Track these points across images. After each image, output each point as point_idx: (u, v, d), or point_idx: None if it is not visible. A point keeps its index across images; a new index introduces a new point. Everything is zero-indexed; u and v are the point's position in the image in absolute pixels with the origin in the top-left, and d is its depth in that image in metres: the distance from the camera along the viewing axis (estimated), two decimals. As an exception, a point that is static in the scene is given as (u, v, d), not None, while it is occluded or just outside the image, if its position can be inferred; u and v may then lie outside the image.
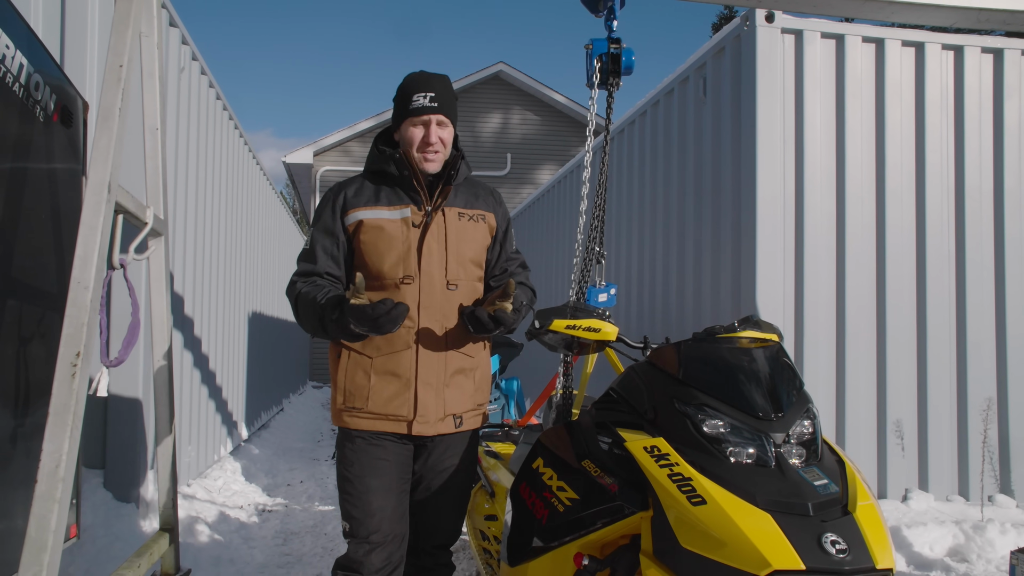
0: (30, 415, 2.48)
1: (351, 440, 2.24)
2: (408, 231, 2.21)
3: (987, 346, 4.67)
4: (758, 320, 2.14)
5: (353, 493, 2.20)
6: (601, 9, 2.79)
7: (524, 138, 16.38)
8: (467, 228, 2.29)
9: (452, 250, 2.24)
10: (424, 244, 2.21)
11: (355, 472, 2.20)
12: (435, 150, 2.24)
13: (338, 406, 2.25)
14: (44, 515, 1.89)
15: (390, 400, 2.19)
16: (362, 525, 2.17)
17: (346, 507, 2.22)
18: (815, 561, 1.52)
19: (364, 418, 2.20)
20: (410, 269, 2.19)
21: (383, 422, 2.20)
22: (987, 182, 4.75)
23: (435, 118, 2.24)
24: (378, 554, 2.17)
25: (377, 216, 2.22)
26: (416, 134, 2.23)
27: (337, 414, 2.27)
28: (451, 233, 2.25)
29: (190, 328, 5.10)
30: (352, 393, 2.21)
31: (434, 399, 2.21)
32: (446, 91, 2.28)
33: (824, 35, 4.60)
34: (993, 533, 3.83)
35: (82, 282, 2.04)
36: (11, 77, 2.25)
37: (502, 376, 5.92)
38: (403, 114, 2.26)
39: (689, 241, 5.24)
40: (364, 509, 2.17)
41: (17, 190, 2.35)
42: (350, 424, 2.22)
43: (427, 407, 2.20)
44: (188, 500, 4.55)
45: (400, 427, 2.20)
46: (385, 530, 2.18)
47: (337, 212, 2.26)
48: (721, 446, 1.76)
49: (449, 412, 2.25)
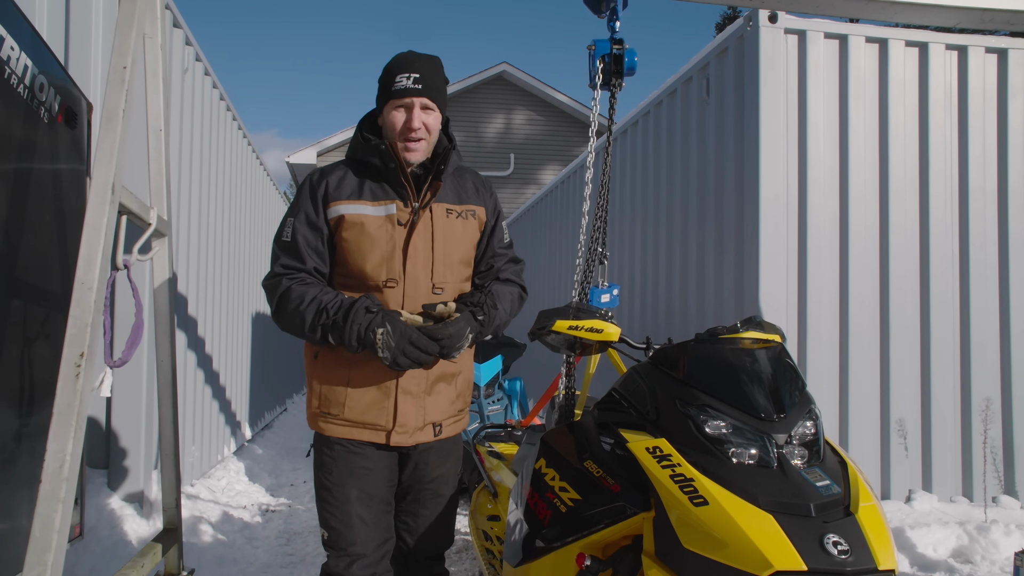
0: (34, 415, 2.49)
1: (329, 446, 2.11)
2: (393, 229, 2.04)
3: (991, 346, 4.65)
4: (761, 321, 2.14)
5: (332, 502, 2.09)
6: (604, 10, 2.79)
7: (527, 138, 16.38)
8: (455, 227, 2.12)
9: (439, 251, 2.08)
10: (410, 244, 2.04)
11: (334, 480, 2.09)
12: (418, 137, 2.05)
13: (313, 409, 2.13)
14: (48, 514, 1.90)
15: (368, 409, 2.06)
16: (341, 536, 2.07)
17: (324, 516, 2.10)
18: (817, 562, 1.52)
19: (340, 425, 2.08)
20: (394, 271, 2.04)
21: (360, 430, 2.08)
22: (991, 182, 4.74)
23: (419, 101, 2.04)
24: (359, 566, 2.07)
25: (360, 212, 2.04)
26: (398, 118, 2.05)
27: (312, 418, 2.14)
28: (439, 232, 2.09)
29: (194, 329, 5.12)
30: (328, 398, 2.08)
31: (414, 408, 2.08)
32: (433, 73, 2.08)
33: (827, 35, 4.59)
34: (997, 534, 3.82)
35: (86, 282, 2.05)
36: (16, 79, 2.26)
37: (505, 377, 5.93)
38: (385, 96, 2.07)
39: (692, 241, 5.24)
40: (343, 520, 2.07)
41: (22, 191, 2.36)
42: (325, 431, 2.10)
43: (407, 416, 2.07)
44: (192, 500, 4.56)
45: (378, 437, 2.07)
46: (366, 540, 2.08)
47: (319, 203, 2.07)
48: (723, 447, 1.76)
49: (429, 420, 2.12)
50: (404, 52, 2.12)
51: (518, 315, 2.36)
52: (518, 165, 16.18)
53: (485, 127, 16.09)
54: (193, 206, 4.97)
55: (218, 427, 5.83)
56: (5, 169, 2.24)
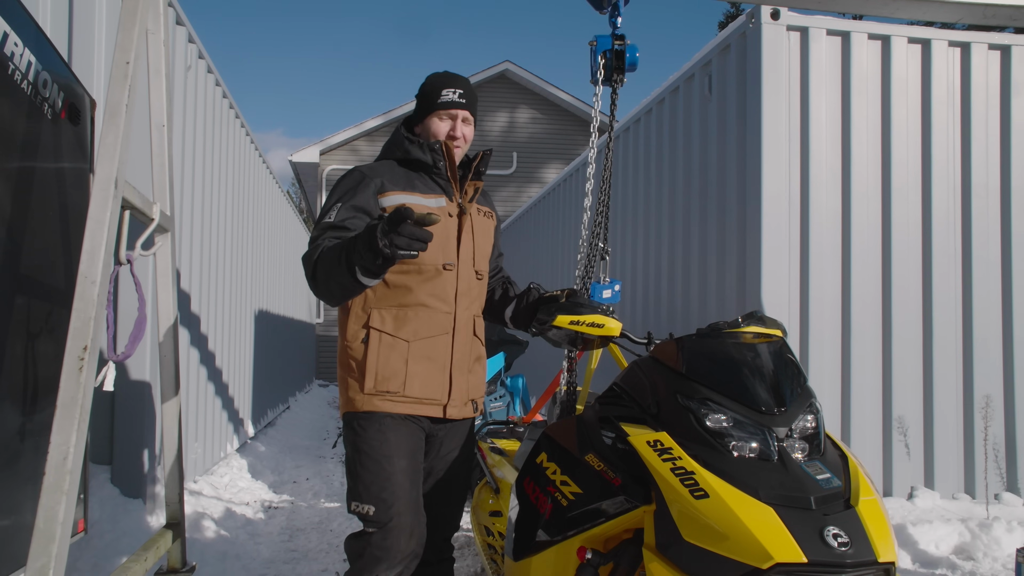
0: (38, 411, 2.50)
1: (377, 422, 2.14)
2: (446, 220, 2.24)
3: (993, 343, 4.65)
4: (762, 315, 2.14)
5: (380, 474, 2.09)
6: (605, 6, 2.79)
7: (530, 137, 16.38)
8: (485, 223, 2.40)
9: (478, 242, 2.33)
10: (463, 233, 2.27)
11: (384, 452, 2.11)
12: (459, 144, 2.30)
13: (366, 391, 2.14)
14: (52, 507, 1.91)
15: (426, 384, 2.18)
16: (391, 508, 2.06)
17: (372, 489, 2.08)
18: (817, 554, 1.53)
19: (400, 402, 2.15)
20: (450, 256, 2.23)
21: (419, 406, 2.18)
22: (994, 179, 4.74)
23: (462, 113, 2.29)
24: (407, 539, 2.07)
25: (421, 202, 2.20)
26: (443, 127, 2.28)
27: (365, 399, 2.15)
28: (476, 226, 2.34)
29: (197, 325, 5.13)
30: (387, 378, 2.14)
31: (462, 383, 2.26)
32: (471, 92, 2.35)
33: (830, 32, 4.59)
34: (999, 531, 3.82)
35: (89, 277, 2.06)
36: (20, 75, 2.27)
37: (507, 373, 5.93)
38: (430, 107, 2.29)
39: (694, 238, 5.24)
40: (393, 491, 2.08)
41: (26, 187, 2.37)
42: (382, 408, 2.14)
43: (459, 391, 2.24)
44: (195, 496, 4.58)
45: (436, 411, 2.21)
46: (413, 514, 2.11)
47: (371, 192, 2.19)
48: (724, 440, 1.77)
49: (471, 397, 2.31)
50: (444, 72, 2.35)
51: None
52: (521, 164, 16.18)
53: (488, 126, 16.08)
54: (196, 202, 4.99)
55: (221, 424, 5.85)
56: (9, 165, 2.25)
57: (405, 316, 2.17)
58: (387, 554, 2.05)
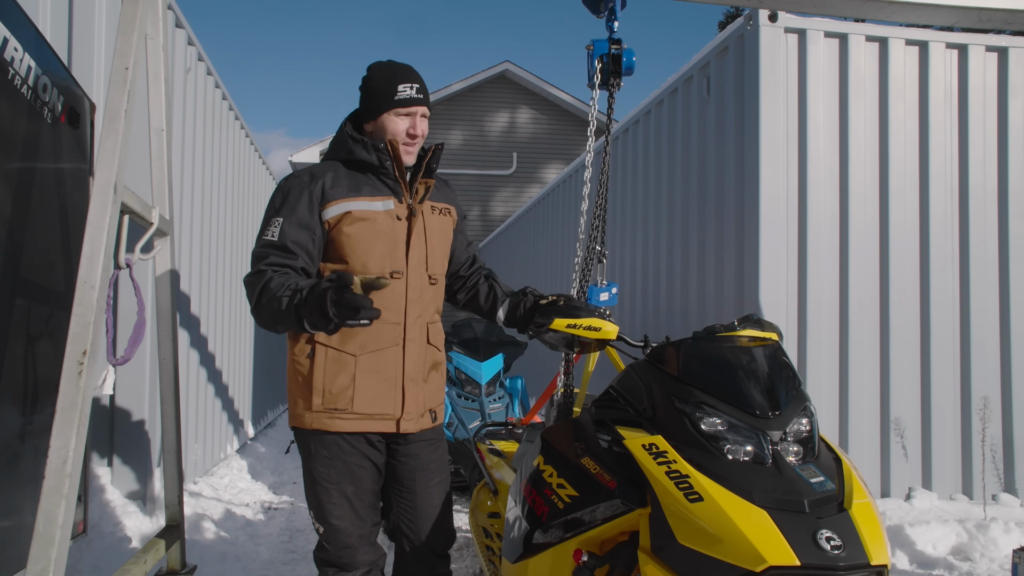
0: (38, 414, 2.51)
1: (326, 445, 2.13)
2: (394, 224, 2.14)
3: (991, 344, 4.66)
4: (759, 319, 2.16)
5: (328, 501, 2.14)
6: (602, 10, 2.81)
7: (530, 137, 16.40)
8: (440, 222, 2.27)
9: (431, 245, 2.21)
10: (411, 238, 2.16)
11: (330, 479, 2.13)
12: (417, 142, 2.20)
13: (314, 408, 2.10)
14: (52, 510, 1.92)
15: (376, 399, 2.10)
16: (340, 532, 2.14)
17: (321, 513, 2.15)
18: (810, 557, 1.54)
19: (348, 419, 2.10)
20: (398, 263, 2.13)
21: (370, 422, 2.11)
22: (991, 181, 4.75)
23: (420, 110, 2.18)
24: (362, 555, 2.18)
25: (366, 207, 2.11)
26: (401, 125, 2.15)
27: (313, 417, 2.11)
28: (429, 227, 2.22)
29: (196, 327, 5.14)
30: (334, 394, 2.08)
31: (417, 395, 2.17)
32: (424, 84, 2.23)
33: (827, 34, 4.60)
34: (996, 532, 3.83)
35: (88, 281, 2.08)
36: (19, 79, 2.28)
37: (506, 375, 5.95)
38: (386, 104, 2.15)
39: (692, 240, 5.25)
40: (340, 516, 2.14)
41: (25, 190, 2.39)
42: (331, 427, 2.10)
43: (413, 403, 2.15)
44: (194, 497, 4.59)
45: (388, 426, 2.13)
46: (362, 533, 2.17)
47: (315, 204, 2.10)
48: (719, 444, 1.78)
49: (427, 407, 2.22)
50: (392, 62, 2.22)
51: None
52: (520, 164, 16.19)
53: (488, 126, 16.10)
54: (196, 205, 5.00)
55: (221, 425, 5.86)
56: (9, 169, 2.26)
57: (352, 329, 2.02)
58: (344, 567, 2.18)
